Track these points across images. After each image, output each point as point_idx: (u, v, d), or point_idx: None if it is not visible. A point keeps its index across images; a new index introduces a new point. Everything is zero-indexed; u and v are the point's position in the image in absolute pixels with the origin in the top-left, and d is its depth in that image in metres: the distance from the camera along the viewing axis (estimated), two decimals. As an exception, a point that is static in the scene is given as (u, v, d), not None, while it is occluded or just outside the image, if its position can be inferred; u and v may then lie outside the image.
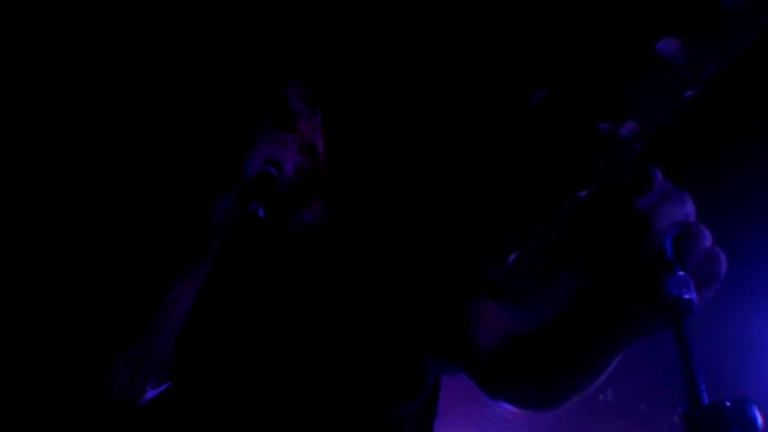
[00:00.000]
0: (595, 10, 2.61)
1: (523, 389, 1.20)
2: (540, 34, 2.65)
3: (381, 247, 1.45)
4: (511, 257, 3.22)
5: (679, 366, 0.74)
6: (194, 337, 1.31)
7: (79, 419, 1.31)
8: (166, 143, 2.55)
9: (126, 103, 2.54)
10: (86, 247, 2.57)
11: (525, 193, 3.05)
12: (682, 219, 0.78)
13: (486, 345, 1.26)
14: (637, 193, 0.79)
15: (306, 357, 1.30)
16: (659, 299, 0.75)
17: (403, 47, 2.58)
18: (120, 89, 2.50)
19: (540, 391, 1.18)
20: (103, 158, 2.64)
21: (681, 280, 0.75)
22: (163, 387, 1.30)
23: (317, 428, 1.26)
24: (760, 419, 0.69)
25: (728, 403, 0.69)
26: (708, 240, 0.79)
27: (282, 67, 1.45)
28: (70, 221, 2.66)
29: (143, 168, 2.60)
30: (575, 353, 1.03)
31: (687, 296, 0.74)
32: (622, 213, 0.79)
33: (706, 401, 0.70)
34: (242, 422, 1.26)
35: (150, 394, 1.31)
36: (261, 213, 1.20)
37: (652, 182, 0.80)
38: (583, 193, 3.04)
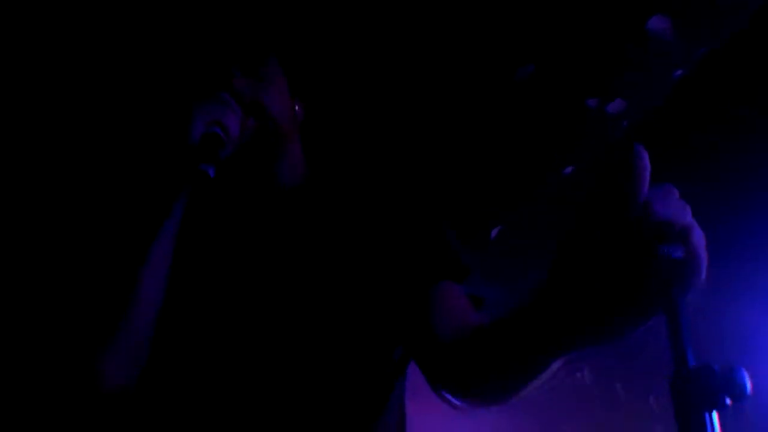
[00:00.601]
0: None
1: (469, 384, 1.15)
2: (531, 7, 2.62)
3: (352, 215, 1.41)
4: (494, 232, 3.20)
5: (666, 330, 0.71)
6: (172, 311, 1.29)
7: (75, 415, 1.30)
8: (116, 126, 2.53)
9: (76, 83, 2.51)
10: (42, 236, 2.55)
11: (510, 166, 3.03)
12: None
13: (442, 334, 1.20)
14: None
15: (272, 315, 1.29)
16: (650, 261, 0.72)
17: (389, 16, 2.54)
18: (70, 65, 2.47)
19: (486, 387, 1.13)
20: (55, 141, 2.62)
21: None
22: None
23: (282, 387, 1.25)
24: (749, 385, 0.66)
25: (717, 367, 0.66)
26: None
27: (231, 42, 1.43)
28: (25, 209, 2.64)
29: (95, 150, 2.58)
30: (526, 354, 0.97)
31: (677, 255, 0.71)
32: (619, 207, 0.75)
33: (693, 364, 0.67)
34: (223, 393, 1.24)
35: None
36: (212, 173, 1.18)
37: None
38: (569, 169, 3.01)
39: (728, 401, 0.65)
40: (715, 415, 0.66)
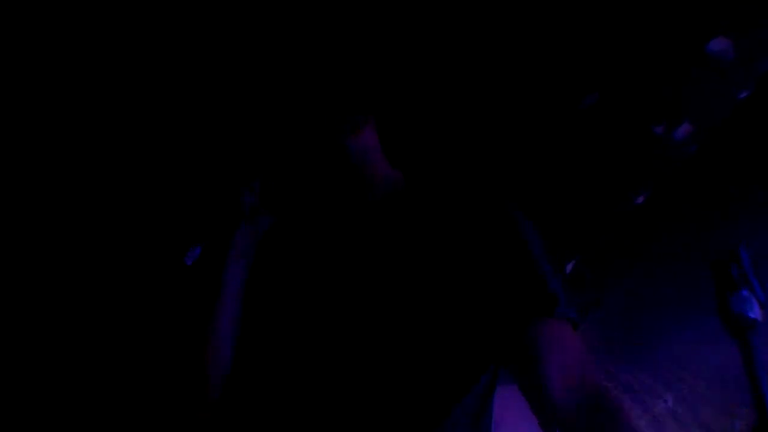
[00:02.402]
0: (643, 13, 2.61)
1: None
2: (590, 38, 2.65)
3: (439, 234, 1.34)
4: (569, 267, 3.20)
5: (746, 380, 0.74)
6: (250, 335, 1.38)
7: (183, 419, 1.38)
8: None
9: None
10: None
11: (580, 198, 3.04)
12: None
13: (557, 373, 1.10)
14: None
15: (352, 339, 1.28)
16: (725, 316, 0.75)
17: (459, 49, 2.60)
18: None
19: None
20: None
21: (745, 299, 0.75)
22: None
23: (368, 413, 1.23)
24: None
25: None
26: None
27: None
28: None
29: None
30: None
31: (752, 315, 0.74)
32: None
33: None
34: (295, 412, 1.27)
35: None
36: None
37: None
38: (641, 199, 3.01)
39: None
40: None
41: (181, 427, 1.34)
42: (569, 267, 3.18)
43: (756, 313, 0.67)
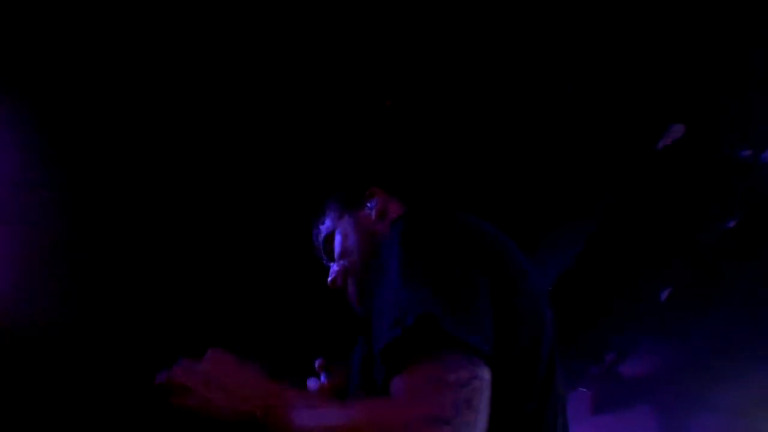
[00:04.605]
0: (722, 39, 2.62)
1: None
2: (671, 70, 2.67)
3: None
4: (664, 294, 3.20)
5: None
6: None
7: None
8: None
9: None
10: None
11: (672, 227, 3.04)
12: None
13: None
14: None
15: None
16: None
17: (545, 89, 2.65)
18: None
19: None
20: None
21: None
22: None
23: None
24: None
25: None
26: None
27: None
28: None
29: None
30: None
31: None
32: None
33: None
34: None
35: None
36: None
37: None
38: (732, 223, 2.99)
39: None
40: None
41: None
42: (664, 295, 3.18)
43: None
